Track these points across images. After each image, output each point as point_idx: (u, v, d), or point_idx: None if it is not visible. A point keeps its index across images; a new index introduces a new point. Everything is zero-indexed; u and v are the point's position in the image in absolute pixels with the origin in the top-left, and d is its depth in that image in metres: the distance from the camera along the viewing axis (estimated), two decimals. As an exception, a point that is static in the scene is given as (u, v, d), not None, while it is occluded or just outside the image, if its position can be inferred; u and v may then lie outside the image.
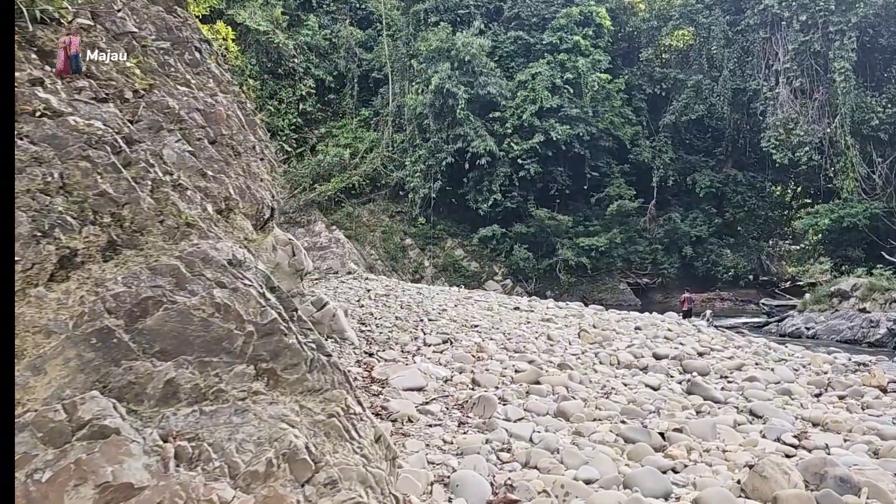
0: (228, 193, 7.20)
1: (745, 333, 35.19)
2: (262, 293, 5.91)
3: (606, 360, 14.78)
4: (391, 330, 15.05)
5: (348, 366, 11.18)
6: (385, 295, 20.32)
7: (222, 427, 5.37)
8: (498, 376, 12.14)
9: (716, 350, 18.55)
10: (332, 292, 19.97)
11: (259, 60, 50.01)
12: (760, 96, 48.10)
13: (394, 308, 17.93)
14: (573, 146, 48.18)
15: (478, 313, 19.19)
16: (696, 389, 13.31)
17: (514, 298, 25.72)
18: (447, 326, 16.28)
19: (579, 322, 20.43)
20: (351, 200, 49.62)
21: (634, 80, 52.66)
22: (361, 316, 16.40)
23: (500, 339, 15.49)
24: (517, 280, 48.40)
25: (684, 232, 50.93)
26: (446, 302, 20.80)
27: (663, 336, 19.45)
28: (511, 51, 51.04)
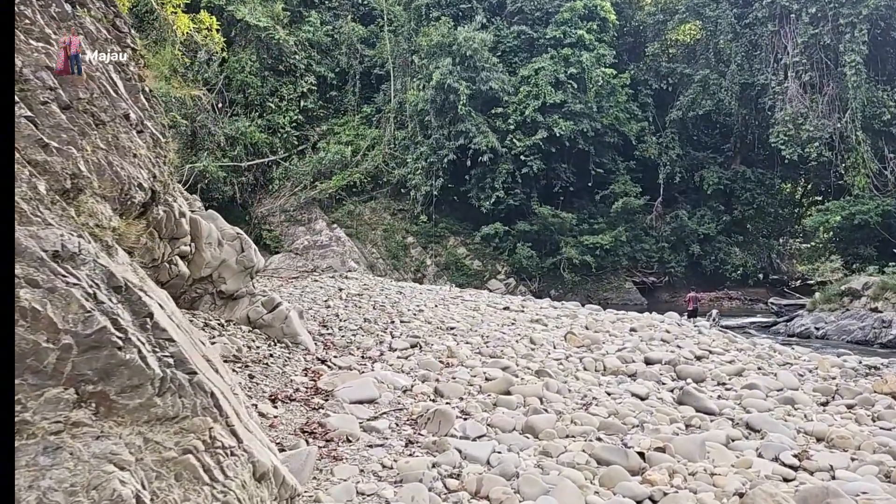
0: (77, 170, 5.84)
1: (752, 334, 33.78)
2: (92, 294, 4.51)
3: (591, 366, 13.41)
4: (355, 333, 13.76)
5: (293, 374, 9.81)
6: (358, 295, 18.99)
7: (23, 471, 4.00)
8: (465, 385, 10.82)
9: (716, 353, 17.13)
10: (300, 292, 18.64)
11: (259, 57, 48.80)
12: (769, 91, 46.59)
13: (365, 309, 16.62)
14: (577, 142, 46.76)
15: (459, 314, 17.85)
16: (688, 399, 11.91)
17: (507, 298, 24.30)
18: (419, 329, 14.96)
19: (571, 323, 19.04)
20: (352, 198, 48.37)
21: (640, 75, 51.16)
22: (325, 318, 15.09)
23: (476, 343, 14.15)
24: (520, 279, 47.04)
25: (692, 230, 49.41)
26: (426, 302, 19.45)
27: (660, 338, 18.04)
28: (514, 46, 49.62)
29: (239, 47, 49.03)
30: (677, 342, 18.00)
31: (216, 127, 46.51)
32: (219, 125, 46.75)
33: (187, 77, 46.50)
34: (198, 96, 45.68)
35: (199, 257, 11.16)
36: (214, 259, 11.16)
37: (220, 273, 11.41)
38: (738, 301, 48.00)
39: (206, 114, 46.44)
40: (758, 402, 12.13)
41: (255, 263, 11.69)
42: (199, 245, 11.13)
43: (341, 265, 44.64)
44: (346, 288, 20.18)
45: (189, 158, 44.72)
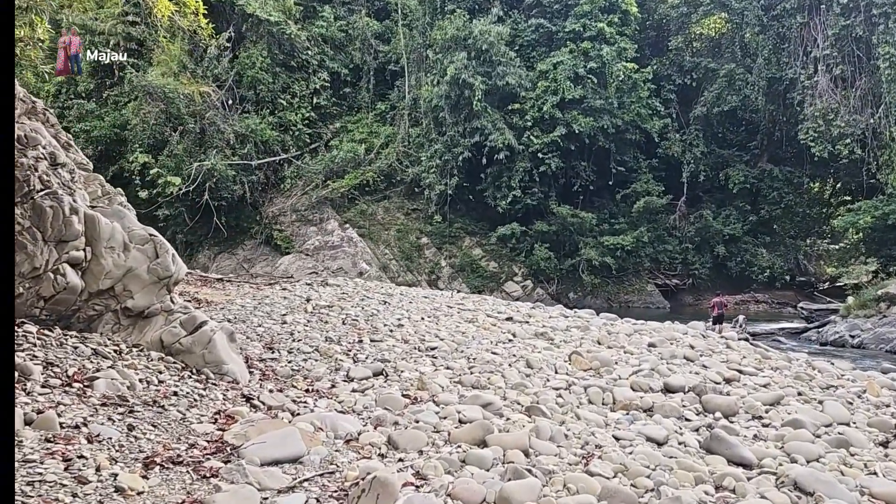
0: None
1: (782, 342, 31.16)
2: None
3: (598, 398, 10.74)
4: (308, 357, 11.33)
5: (198, 421, 7.23)
6: (328, 306, 16.32)
7: None
8: (429, 432, 8.16)
9: (747, 374, 14.45)
10: (255, 304, 16.08)
11: (271, 53, 46.57)
12: (798, 85, 43.76)
13: (331, 324, 14.00)
14: (597, 139, 44.20)
15: (448, 329, 15.26)
16: (717, 446, 9.22)
17: (514, 306, 21.56)
18: (391, 350, 12.40)
19: (581, 337, 16.38)
20: (365, 198, 46.08)
21: (663, 70, 48.36)
22: (275, 337, 12.51)
23: (458, 368, 11.54)
24: (538, 281, 44.52)
25: (717, 230, 46.66)
26: (411, 314, 16.81)
27: (682, 356, 15.38)
28: (531, 39, 47.02)
29: (250, 42, 46.84)
30: (703, 360, 15.34)
31: (226, 124, 44.34)
32: (228, 122, 44.57)
33: (196, 73, 44.50)
34: (207, 93, 43.59)
35: (97, 265, 8.64)
36: (118, 267, 8.63)
37: (125, 285, 8.85)
38: (765, 304, 45.27)
39: (216, 111, 44.21)
40: (805, 446, 9.50)
41: (172, 273, 9.12)
42: (97, 250, 8.62)
43: (352, 266, 42.47)
44: (316, 297, 17.59)
45: (197, 157, 42.52)
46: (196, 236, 45.27)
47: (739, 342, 19.64)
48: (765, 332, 34.22)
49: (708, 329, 31.02)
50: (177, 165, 42.09)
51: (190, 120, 43.16)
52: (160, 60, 44.04)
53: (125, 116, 43.43)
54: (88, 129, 43.93)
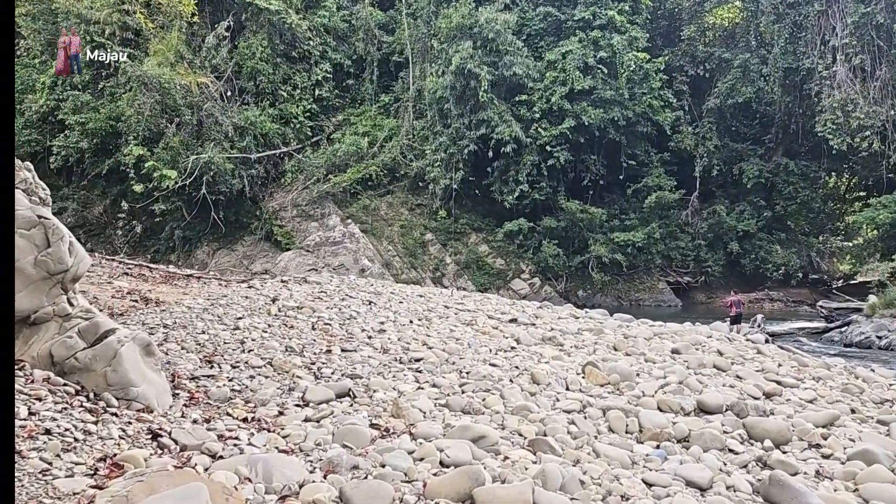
0: None
1: (803, 342, 28.98)
2: None
3: (620, 425, 8.43)
4: (257, 373, 8.90)
5: (67, 472, 4.97)
6: (298, 307, 13.86)
7: None
8: (398, 482, 5.90)
9: (787, 386, 12.18)
10: (208, 304, 13.57)
11: (272, 43, 44.39)
12: (815, 76, 41.56)
13: (298, 329, 11.70)
14: (607, 132, 42.05)
15: (440, 334, 12.97)
16: (779, 493, 7.08)
17: (520, 305, 19.24)
18: (365, 363, 10.11)
19: (595, 342, 14.11)
20: (368, 192, 43.94)
21: (675, 60, 46.05)
22: (222, 345, 10.21)
23: (447, 386, 9.34)
24: (546, 278, 42.41)
25: (730, 226, 44.49)
26: (399, 315, 14.50)
27: (712, 364, 13.16)
28: (539, 28, 44.80)
29: (250, 32, 44.75)
30: (735, 369, 13.16)
31: (224, 116, 42.21)
32: (227, 114, 42.42)
33: (194, 64, 42.41)
34: (204, 84, 41.48)
35: None
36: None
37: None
38: (780, 303, 43.10)
39: (214, 102, 42.07)
40: (886, 489, 7.28)
41: (68, 266, 6.87)
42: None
43: (354, 263, 40.38)
44: (286, 297, 15.06)
45: (194, 149, 40.40)
46: (195, 232, 43.23)
47: (770, 346, 17.29)
48: (784, 333, 32.05)
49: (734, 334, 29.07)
50: (173, 158, 40.03)
51: (187, 111, 41.07)
52: (157, 50, 41.97)
53: (121, 108, 41.26)
54: (84, 121, 41.90)
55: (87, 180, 44.54)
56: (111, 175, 42.98)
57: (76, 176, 45.03)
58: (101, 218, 45.23)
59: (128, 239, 45.14)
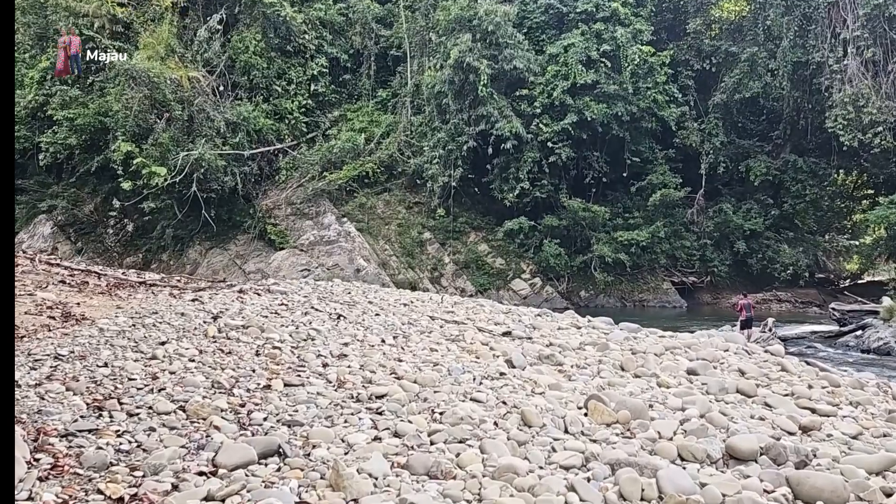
0: None
1: (818, 349, 27.02)
2: None
3: (635, 490, 6.39)
4: (160, 424, 6.76)
5: None
6: (245, 326, 11.61)
7: None
8: None
9: (823, 414, 10.28)
10: (130, 322, 11.43)
11: (265, 36, 42.45)
12: (825, 70, 39.50)
13: (236, 356, 9.37)
14: (611, 128, 40.15)
15: (416, 355, 10.87)
16: None
17: (514, 314, 17.13)
18: (313, 403, 7.86)
19: (599, 360, 12.08)
20: (364, 190, 42.10)
21: (680, 54, 44.00)
22: (126, 382, 8.06)
23: (411, 434, 7.23)
24: (547, 278, 40.56)
25: (737, 225, 42.57)
26: (370, 333, 12.34)
27: (734, 388, 11.08)
28: (541, 21, 42.89)
29: (243, 26, 42.81)
30: (762, 394, 11.20)
31: (216, 112, 40.33)
32: (219, 110, 40.53)
33: (186, 58, 40.49)
34: (195, 78, 39.57)
35: None
36: None
37: None
38: (788, 304, 41.22)
39: (205, 97, 40.16)
40: None
41: None
42: None
43: (349, 263, 38.57)
44: (233, 312, 12.85)
45: (185, 146, 38.52)
46: (186, 230, 41.42)
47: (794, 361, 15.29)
48: (795, 337, 30.09)
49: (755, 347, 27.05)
50: (162, 155, 38.19)
51: (177, 107, 39.17)
52: (146, 43, 40.11)
53: (110, 103, 39.37)
54: (72, 116, 40.13)
55: (77, 177, 42.82)
56: (102, 172, 41.24)
57: (66, 173, 43.30)
58: (91, 216, 43.45)
59: (119, 238, 43.39)
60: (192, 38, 42.07)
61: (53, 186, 43.41)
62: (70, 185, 43.24)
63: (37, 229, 42.68)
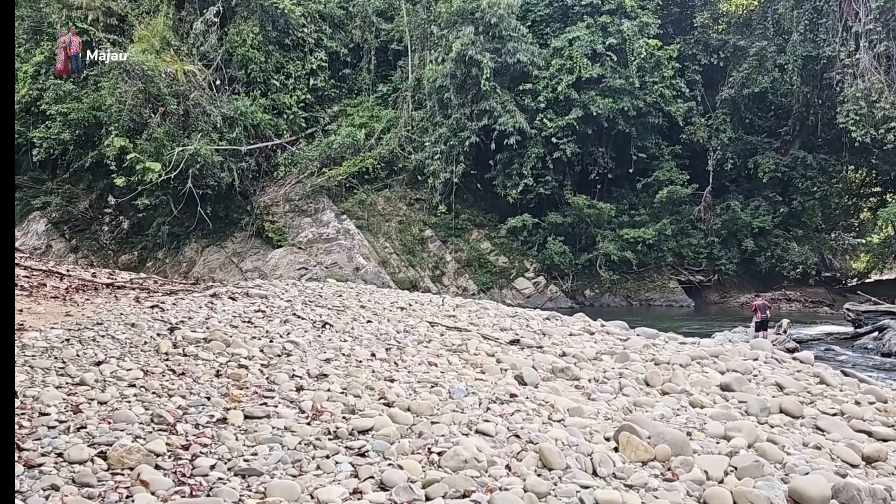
0: None
1: (836, 352, 25.44)
2: None
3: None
4: (67, 478, 5.05)
5: None
6: (207, 339, 9.68)
7: None
8: None
9: (883, 438, 8.65)
10: (66, 336, 9.45)
11: (263, 29, 40.81)
12: (836, 64, 37.97)
13: (191, 378, 7.45)
14: (617, 123, 38.59)
15: (411, 372, 9.20)
16: None
17: (523, 316, 15.41)
18: (277, 442, 6.37)
19: (620, 373, 10.49)
20: (364, 186, 40.57)
21: (687, 49, 42.32)
22: (33, 420, 6.27)
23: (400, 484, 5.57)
24: (551, 277, 39.02)
25: (745, 223, 40.95)
26: (358, 345, 10.60)
27: (777, 407, 9.47)
28: (545, 14, 41.31)
29: (240, 18, 41.13)
30: (809, 414, 9.59)
31: (212, 106, 38.72)
32: (216, 104, 38.91)
33: (181, 51, 38.86)
34: (191, 72, 37.95)
35: None
36: None
37: None
38: (798, 303, 39.66)
39: (201, 91, 38.55)
40: None
41: None
42: None
43: (348, 261, 36.99)
44: (199, 320, 10.88)
45: (180, 141, 36.93)
46: (182, 228, 39.81)
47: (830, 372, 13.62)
48: (810, 339, 28.49)
49: (750, 337, 25.49)
50: (157, 150, 36.62)
51: (172, 101, 37.58)
52: (141, 36, 38.51)
53: (104, 97, 37.81)
54: (66, 111, 38.61)
55: (72, 174, 41.33)
56: (96, 168, 39.76)
57: (60, 169, 41.75)
58: (86, 213, 41.86)
59: (114, 235, 41.83)
60: (188, 31, 40.46)
61: (47, 183, 41.89)
62: (64, 181, 41.74)
63: (31, 227, 41.14)
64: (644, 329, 15.91)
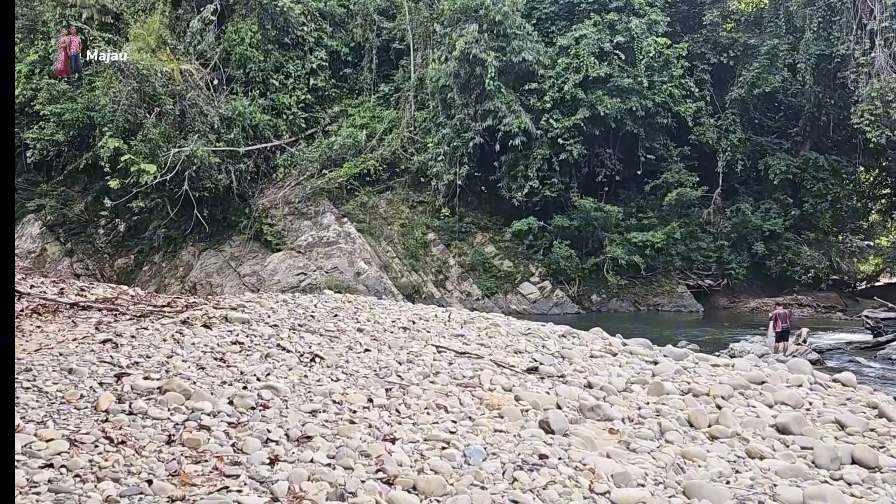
0: None
1: (860, 363, 23.78)
2: None
3: None
4: None
5: None
6: (162, 390, 6.89)
7: None
8: None
9: None
10: None
11: (262, 28, 39.20)
12: (851, 63, 36.42)
13: (137, 445, 5.39)
14: (624, 123, 37.03)
15: (416, 424, 7.27)
16: None
17: (537, 334, 13.63)
18: None
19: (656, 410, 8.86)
20: (365, 189, 39.00)
21: (696, 47, 40.65)
22: None
23: None
24: (557, 281, 37.43)
25: (755, 226, 39.34)
26: (354, 382, 8.58)
27: (848, 455, 7.82)
28: (551, 12, 39.77)
29: (239, 16, 39.60)
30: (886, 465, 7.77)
31: (210, 106, 37.17)
32: (213, 104, 37.34)
33: (178, 50, 37.24)
34: (188, 71, 36.33)
35: None
36: None
37: None
38: (810, 308, 38.01)
39: (198, 91, 36.96)
40: None
41: None
42: None
43: (349, 266, 35.40)
44: (154, 361, 8.55)
45: (176, 142, 35.36)
46: (179, 231, 38.21)
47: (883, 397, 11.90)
48: (831, 349, 26.76)
49: (769, 347, 23.92)
50: (152, 152, 35.11)
51: (168, 101, 36.02)
52: (136, 35, 36.92)
53: (98, 97, 36.25)
54: (60, 111, 37.13)
55: (66, 175, 39.88)
56: (92, 170, 38.29)
57: (55, 171, 40.17)
58: (81, 216, 40.34)
59: (110, 238, 40.32)
60: (184, 29, 38.90)
61: (42, 185, 40.34)
62: (59, 183, 40.21)
63: (25, 230, 39.59)
64: (672, 349, 14.25)
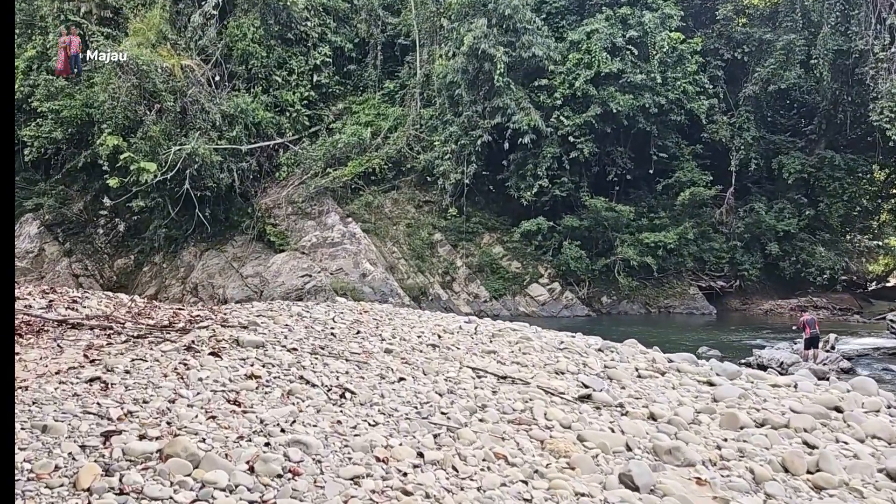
0: None
1: (893, 371, 22.29)
2: None
3: None
4: None
5: None
6: (161, 455, 5.20)
7: None
8: None
9: None
10: None
11: (265, 23, 37.71)
12: (869, 59, 34.96)
13: None
14: (637, 121, 35.65)
15: (482, 489, 5.90)
16: None
17: (574, 349, 12.09)
18: None
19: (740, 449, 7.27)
20: (371, 188, 37.56)
21: (709, 43, 39.14)
22: None
23: None
24: (566, 283, 36.04)
25: (769, 226, 38.00)
26: (404, 418, 6.99)
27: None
28: (561, 6, 38.38)
29: (241, 11, 38.06)
30: None
31: (211, 103, 35.66)
32: (215, 101, 35.84)
33: (179, 45, 35.68)
34: (189, 67, 34.77)
35: None
36: None
37: None
38: (826, 311, 36.60)
39: (199, 88, 35.43)
40: None
41: None
42: None
43: (354, 267, 33.90)
44: (152, 410, 6.46)
45: (177, 139, 33.83)
46: (180, 231, 36.71)
47: None
48: (859, 354, 25.26)
49: (797, 354, 22.50)
50: (152, 150, 33.66)
51: (168, 97, 34.52)
52: (136, 29, 35.39)
53: (97, 94, 34.73)
54: (58, 108, 35.61)
55: (65, 174, 38.43)
56: (91, 168, 36.92)
57: (53, 169, 38.65)
58: (80, 215, 38.83)
59: (110, 238, 38.81)
60: (185, 25, 37.42)
61: (40, 183, 38.81)
62: (58, 182, 38.74)
63: (23, 229, 38.05)
64: (716, 363, 12.73)
